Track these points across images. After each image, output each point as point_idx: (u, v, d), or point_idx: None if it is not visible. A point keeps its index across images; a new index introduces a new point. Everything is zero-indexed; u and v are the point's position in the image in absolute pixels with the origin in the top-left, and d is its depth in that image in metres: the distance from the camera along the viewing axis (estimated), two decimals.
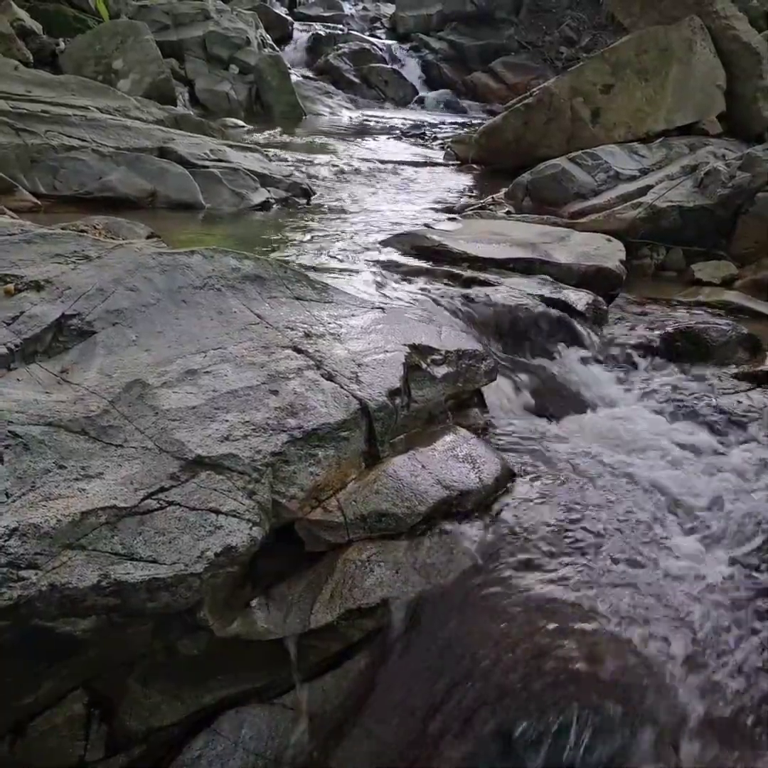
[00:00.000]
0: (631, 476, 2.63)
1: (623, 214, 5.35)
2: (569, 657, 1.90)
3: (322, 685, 2.03)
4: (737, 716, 1.84)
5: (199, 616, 1.87)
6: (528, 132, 7.44)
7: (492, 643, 1.97)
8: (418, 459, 2.41)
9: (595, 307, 3.82)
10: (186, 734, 1.96)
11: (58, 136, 5.35)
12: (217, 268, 2.80)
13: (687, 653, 1.94)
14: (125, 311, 2.49)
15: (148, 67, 9.30)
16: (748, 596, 2.14)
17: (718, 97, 7.61)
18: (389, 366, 2.57)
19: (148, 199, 5.28)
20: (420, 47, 15.88)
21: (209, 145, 6.23)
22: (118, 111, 6.42)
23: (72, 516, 1.76)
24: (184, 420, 2.09)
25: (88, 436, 2.00)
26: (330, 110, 12.60)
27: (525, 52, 15.09)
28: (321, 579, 2.07)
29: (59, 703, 1.84)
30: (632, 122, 7.25)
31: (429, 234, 4.48)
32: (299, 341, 2.56)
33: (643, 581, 2.14)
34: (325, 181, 6.84)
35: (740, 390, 3.34)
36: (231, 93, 11.18)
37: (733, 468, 2.73)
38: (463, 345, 2.91)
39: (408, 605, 2.06)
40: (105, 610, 1.72)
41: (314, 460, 2.17)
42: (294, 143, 8.83)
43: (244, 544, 1.89)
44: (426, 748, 1.89)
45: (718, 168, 5.32)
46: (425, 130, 11.13)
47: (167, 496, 1.90)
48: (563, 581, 2.11)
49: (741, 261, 4.99)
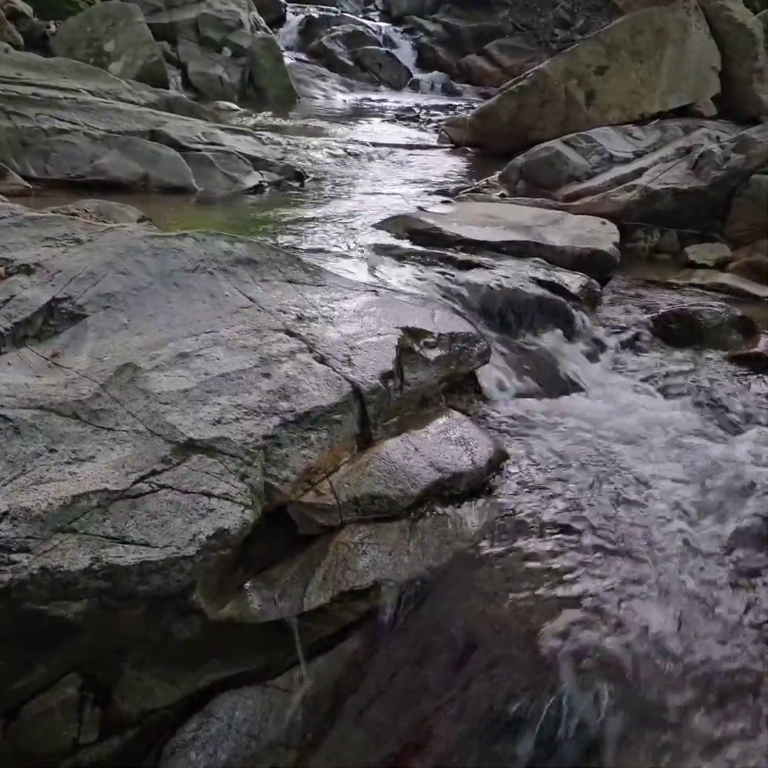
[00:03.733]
0: (621, 457, 2.63)
1: (617, 196, 5.33)
2: (563, 637, 1.90)
3: (316, 667, 2.03)
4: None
5: (192, 599, 1.87)
6: (522, 114, 7.42)
7: (485, 624, 1.98)
8: (411, 442, 2.40)
9: (588, 289, 3.82)
10: (179, 717, 1.96)
11: (49, 120, 5.32)
12: (209, 251, 2.79)
13: (680, 633, 1.95)
14: (116, 295, 2.48)
15: (139, 50, 9.24)
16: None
17: (713, 79, 7.59)
18: (382, 349, 2.56)
19: (141, 182, 5.26)
20: (414, 30, 15.82)
21: (201, 129, 6.20)
22: (109, 94, 6.38)
23: (63, 499, 1.76)
24: (176, 403, 2.09)
25: (79, 419, 1.99)
26: (323, 93, 12.54)
27: (520, 35, 15.02)
28: (314, 562, 2.07)
29: (53, 686, 1.83)
30: (627, 104, 7.24)
31: (422, 217, 4.46)
32: (292, 324, 2.56)
33: (636, 559, 2.14)
34: (319, 164, 6.81)
35: (733, 372, 3.34)
36: (224, 76, 11.12)
37: (723, 449, 2.73)
38: (456, 328, 2.91)
39: (401, 587, 2.06)
40: (97, 593, 1.72)
41: (306, 443, 2.16)
42: (287, 126, 8.78)
43: (236, 527, 1.89)
44: (420, 730, 1.90)
45: (713, 150, 5.30)
46: (419, 113, 11.08)
47: (159, 479, 1.89)
48: (555, 562, 2.11)
49: (735, 243, 4.97)
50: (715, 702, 1.81)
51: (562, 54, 7.80)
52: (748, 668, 1.88)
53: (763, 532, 2.29)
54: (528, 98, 7.36)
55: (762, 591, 2.10)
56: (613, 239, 4.44)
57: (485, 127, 7.87)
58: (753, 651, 1.92)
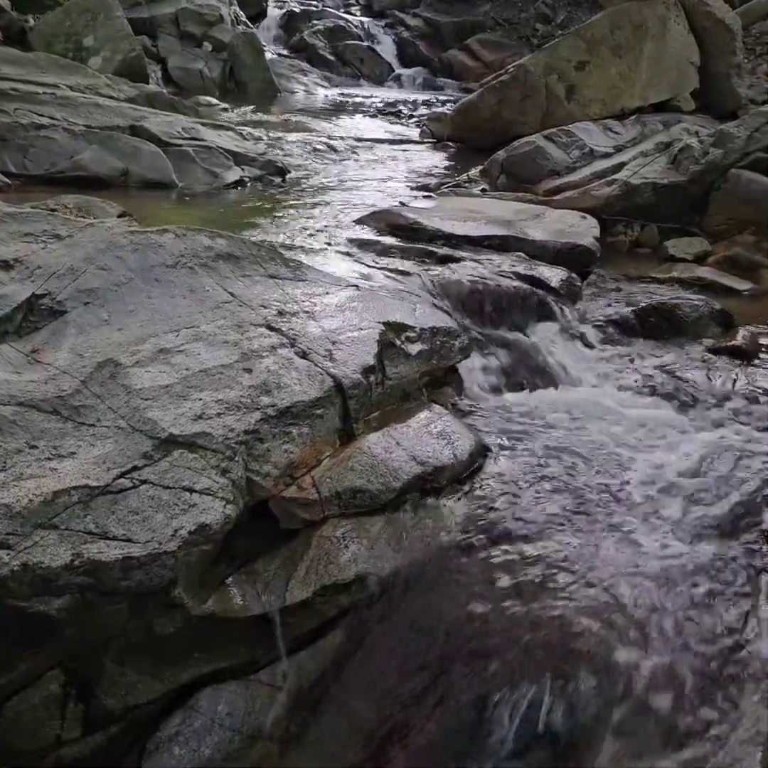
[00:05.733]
0: (601, 450, 2.65)
1: (598, 191, 5.35)
2: (543, 628, 1.92)
3: (299, 661, 2.04)
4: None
5: (174, 594, 1.87)
6: (503, 109, 7.42)
7: (466, 617, 1.99)
8: (393, 436, 2.41)
9: (569, 283, 3.83)
10: (163, 712, 1.97)
11: (28, 115, 5.28)
12: (189, 246, 2.78)
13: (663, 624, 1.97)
14: (97, 290, 2.47)
15: (119, 45, 9.16)
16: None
17: (692, 74, 7.63)
18: (363, 343, 2.57)
19: (121, 178, 5.23)
20: (395, 24, 15.75)
21: (182, 123, 6.17)
22: (89, 89, 6.33)
23: (44, 495, 1.76)
24: (157, 399, 2.08)
25: (60, 415, 1.99)
26: (305, 88, 12.49)
27: (501, 30, 14.99)
28: (296, 556, 2.08)
29: (35, 683, 1.83)
30: (607, 99, 7.27)
31: (404, 212, 4.46)
32: (273, 319, 2.56)
33: (618, 551, 2.16)
34: (300, 159, 6.79)
35: (712, 365, 3.37)
36: (205, 71, 11.04)
37: (700, 441, 2.76)
38: (438, 322, 2.92)
39: (383, 581, 2.07)
40: (79, 589, 1.72)
41: (288, 438, 2.17)
42: (269, 121, 8.74)
43: (218, 522, 1.89)
44: (403, 721, 1.91)
45: (692, 145, 5.33)
46: (401, 107, 11.06)
47: (140, 475, 1.89)
48: (536, 554, 2.13)
49: (714, 237, 5.00)
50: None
51: (542, 49, 7.82)
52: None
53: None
54: (509, 93, 7.37)
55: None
56: (593, 233, 4.46)
57: (467, 122, 7.87)
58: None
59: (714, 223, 5.05)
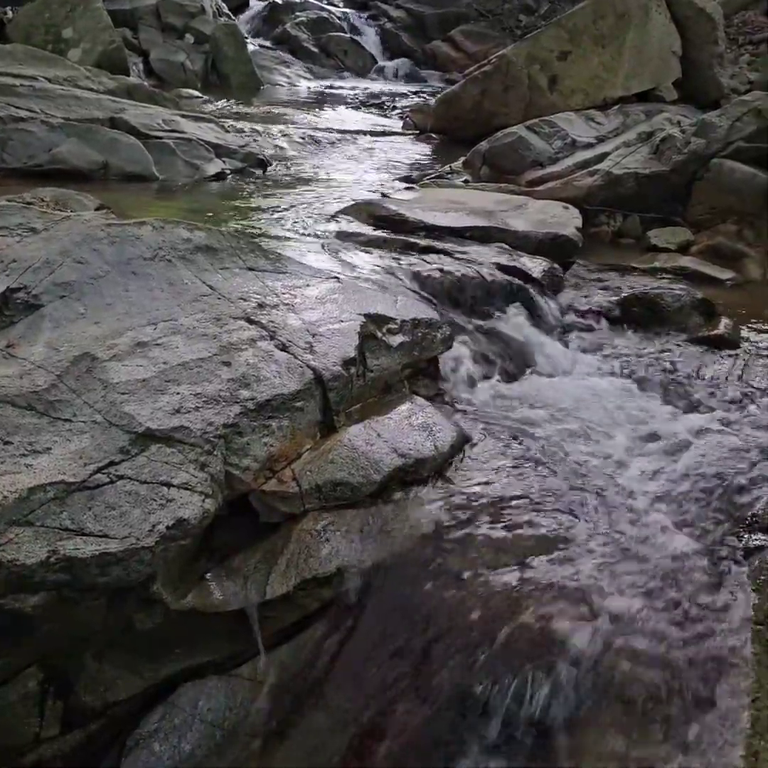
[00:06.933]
0: (581, 438, 2.65)
1: (580, 181, 5.34)
2: (524, 621, 1.91)
3: (280, 655, 2.03)
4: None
5: (153, 589, 1.85)
6: (486, 100, 7.40)
7: (448, 609, 1.98)
8: (374, 428, 2.40)
9: (551, 274, 3.83)
10: (143, 708, 1.96)
11: (5, 107, 5.21)
12: (167, 239, 2.75)
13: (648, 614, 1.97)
14: (73, 284, 2.45)
15: (99, 36, 9.08)
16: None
17: (674, 64, 7.63)
18: (344, 336, 2.55)
19: (100, 170, 5.18)
20: (378, 16, 15.71)
21: (162, 116, 6.12)
22: (67, 81, 6.28)
23: (19, 492, 1.74)
24: (134, 393, 2.06)
25: (35, 411, 1.96)
26: (288, 80, 12.42)
27: (484, 21, 14.97)
28: (277, 550, 2.07)
29: (13, 680, 1.82)
30: (589, 89, 7.26)
31: (386, 203, 4.45)
32: (252, 312, 2.54)
33: (598, 542, 2.16)
34: (282, 152, 6.76)
35: (694, 354, 3.37)
36: (186, 63, 10.96)
37: (681, 431, 2.76)
38: (419, 314, 2.91)
39: (364, 573, 2.06)
40: (55, 586, 1.70)
41: (268, 431, 2.16)
42: (251, 113, 8.69)
43: (197, 516, 1.88)
44: (385, 715, 1.90)
45: (674, 134, 5.32)
46: (384, 99, 11.03)
47: (117, 470, 1.88)
48: (517, 545, 2.12)
49: (696, 227, 5.00)
50: None
51: (525, 39, 7.79)
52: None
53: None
54: (491, 84, 7.35)
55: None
56: (575, 224, 4.46)
57: (449, 113, 7.85)
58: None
59: (696, 212, 5.05)
